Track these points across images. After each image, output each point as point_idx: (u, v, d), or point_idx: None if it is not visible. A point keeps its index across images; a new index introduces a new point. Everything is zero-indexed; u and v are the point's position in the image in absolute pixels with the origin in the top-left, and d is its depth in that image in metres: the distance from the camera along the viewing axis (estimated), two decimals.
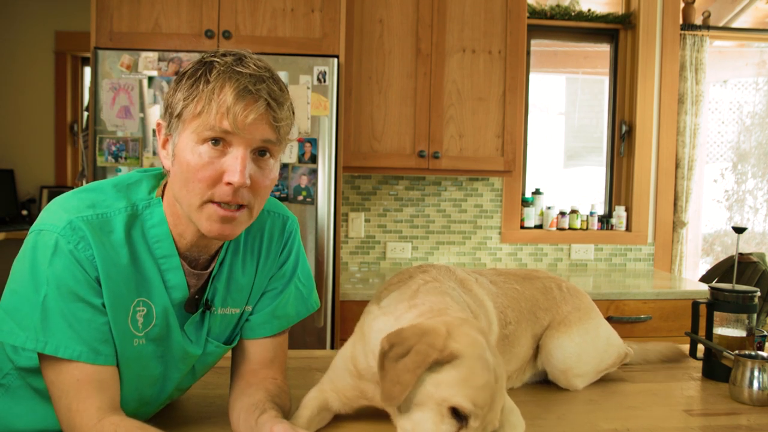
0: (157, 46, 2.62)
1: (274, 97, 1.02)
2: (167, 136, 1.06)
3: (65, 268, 0.99)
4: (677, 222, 3.65)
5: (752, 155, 4.24)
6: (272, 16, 2.71)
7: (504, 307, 1.36)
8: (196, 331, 1.17)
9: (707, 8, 3.77)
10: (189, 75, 1.03)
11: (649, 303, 2.96)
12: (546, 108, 4.17)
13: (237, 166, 1.00)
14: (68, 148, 4.46)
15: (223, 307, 1.18)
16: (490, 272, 1.47)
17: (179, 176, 1.03)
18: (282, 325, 1.23)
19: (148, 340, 1.10)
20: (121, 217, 1.05)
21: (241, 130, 0.99)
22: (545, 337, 1.45)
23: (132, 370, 1.10)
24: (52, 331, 1.00)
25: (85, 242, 1.00)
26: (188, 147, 1.01)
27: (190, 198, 1.03)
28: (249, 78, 1.00)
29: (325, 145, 2.65)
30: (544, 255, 3.55)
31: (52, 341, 1.00)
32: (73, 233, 1.00)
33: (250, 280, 1.20)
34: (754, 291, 1.58)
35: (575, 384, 1.45)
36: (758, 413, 1.35)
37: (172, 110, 1.03)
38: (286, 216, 1.25)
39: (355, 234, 3.41)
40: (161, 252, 1.09)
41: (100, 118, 2.57)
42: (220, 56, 1.03)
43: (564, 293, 1.52)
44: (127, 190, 1.10)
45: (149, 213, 1.08)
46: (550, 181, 3.85)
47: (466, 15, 3.07)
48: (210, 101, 0.99)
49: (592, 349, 1.46)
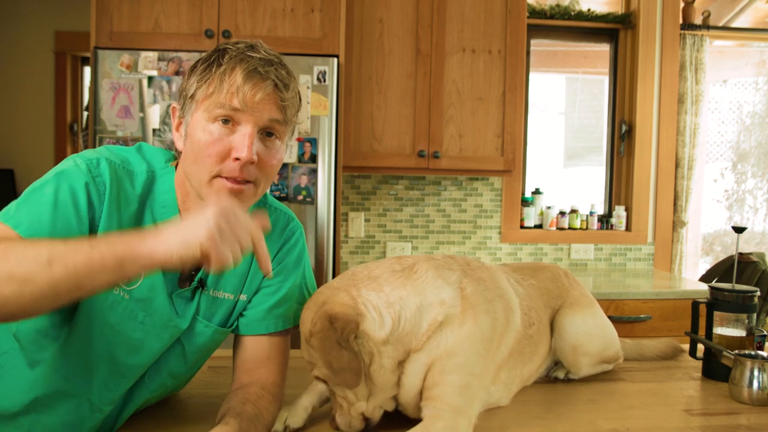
0: (157, 46, 2.63)
1: (281, 79, 1.09)
2: (180, 119, 1.13)
3: (76, 181, 1.05)
4: (677, 222, 3.65)
5: (752, 155, 4.24)
6: (272, 16, 2.71)
7: (528, 309, 1.39)
8: (184, 305, 1.17)
9: (707, 8, 3.77)
10: (203, 60, 1.10)
11: (648, 303, 2.96)
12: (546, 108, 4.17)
13: (245, 142, 1.06)
14: (68, 148, 4.46)
15: (215, 289, 1.19)
16: (506, 268, 1.49)
17: (190, 153, 1.09)
18: (279, 324, 1.24)
19: (131, 298, 1.11)
20: (142, 177, 1.13)
21: (250, 107, 1.06)
22: (558, 316, 1.49)
23: (107, 320, 1.10)
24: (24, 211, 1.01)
25: (102, 179, 1.07)
26: (200, 125, 1.08)
27: (200, 173, 1.08)
28: (259, 61, 1.07)
29: (325, 145, 2.65)
30: (543, 255, 3.55)
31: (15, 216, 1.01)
32: (98, 168, 1.08)
33: (245, 267, 1.21)
34: (753, 291, 1.59)
35: (580, 363, 1.49)
36: (758, 413, 1.35)
37: (186, 93, 1.10)
38: (291, 218, 1.28)
39: (355, 234, 3.41)
40: (164, 217, 1.13)
41: (100, 117, 2.57)
42: (233, 44, 1.10)
43: (570, 280, 1.58)
44: (149, 156, 1.17)
45: (163, 180, 1.15)
46: (550, 181, 3.85)
47: (466, 15, 3.07)
48: (222, 82, 1.06)
49: (600, 332, 1.51)
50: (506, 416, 1.30)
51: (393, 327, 1.11)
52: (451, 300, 1.18)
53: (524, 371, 1.40)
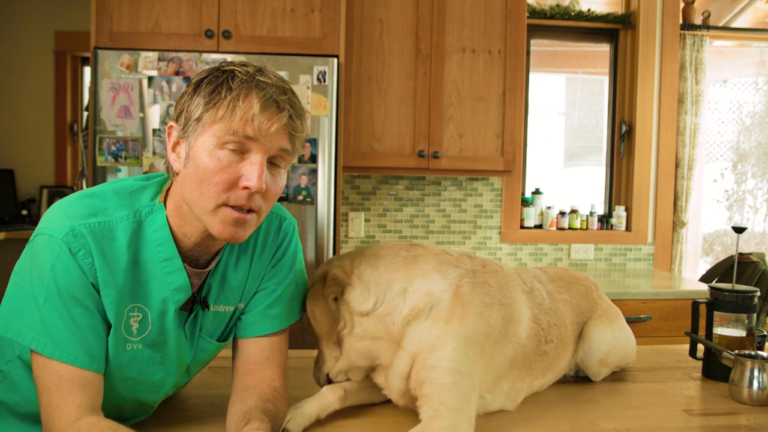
0: (156, 46, 2.62)
1: (296, 110, 1.07)
2: (179, 139, 1.07)
3: (67, 273, 1.01)
4: (677, 222, 3.65)
5: (752, 155, 4.24)
6: (272, 16, 2.71)
7: (549, 325, 1.37)
8: (191, 330, 1.18)
9: (707, 8, 3.77)
10: (208, 81, 1.05)
11: (648, 303, 2.96)
12: (546, 108, 4.17)
13: (255, 171, 1.03)
14: (68, 148, 4.46)
15: (216, 304, 1.19)
16: (543, 277, 1.49)
17: (193, 178, 1.05)
18: (276, 325, 1.24)
19: (145, 345, 1.11)
20: (124, 225, 1.07)
21: (264, 137, 1.03)
22: (588, 328, 1.51)
23: (127, 374, 1.11)
24: (52, 333, 1.01)
25: (86, 249, 1.03)
26: (206, 150, 1.03)
27: (204, 201, 1.04)
28: (274, 89, 1.04)
29: (325, 145, 2.65)
30: (543, 255, 3.55)
31: (50, 343, 1.01)
32: (75, 240, 1.02)
33: (243, 277, 1.21)
34: (753, 291, 1.59)
35: (601, 372, 1.52)
36: (758, 413, 1.35)
37: (189, 114, 1.05)
38: (284, 217, 1.27)
39: (355, 234, 3.41)
40: (163, 255, 1.09)
41: (100, 117, 2.58)
42: (239, 65, 1.06)
43: (599, 293, 1.60)
44: (129, 197, 1.11)
45: (151, 219, 1.10)
46: (549, 181, 3.85)
47: (465, 15, 3.07)
48: (234, 108, 1.01)
49: (626, 345, 1.54)
50: (506, 416, 1.30)
51: (375, 304, 1.19)
52: (440, 293, 1.20)
53: (534, 384, 1.38)
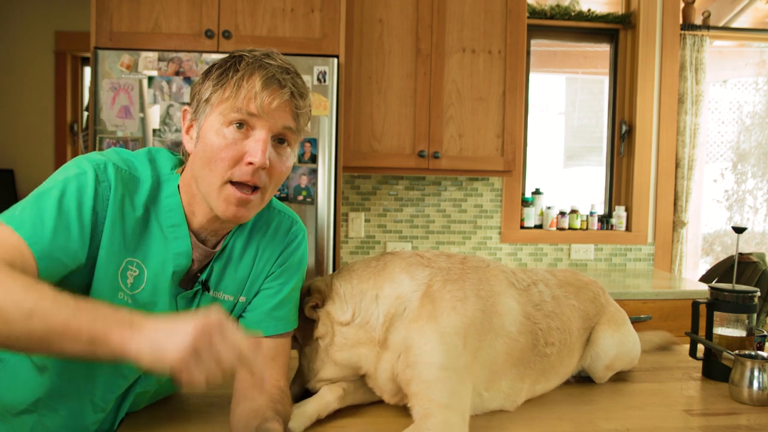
0: (156, 46, 2.62)
1: (297, 88, 1.12)
2: (192, 122, 1.14)
3: (81, 189, 1.05)
4: (677, 222, 3.65)
5: (752, 155, 4.24)
6: (272, 16, 2.71)
7: (550, 328, 1.38)
8: (186, 306, 1.18)
9: (707, 8, 3.78)
10: (218, 66, 1.12)
11: (649, 303, 2.96)
12: (546, 108, 4.17)
13: (259, 147, 1.07)
14: (68, 148, 4.46)
15: (216, 290, 1.20)
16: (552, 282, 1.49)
17: (202, 156, 1.10)
18: (281, 327, 1.24)
19: (135, 301, 1.11)
20: (147, 184, 1.13)
21: (266, 113, 1.08)
22: (596, 333, 1.51)
23: None
24: (24, 212, 1.00)
25: (109, 184, 1.07)
26: (213, 128, 1.09)
27: (211, 177, 1.09)
28: (277, 68, 1.10)
29: (325, 145, 2.65)
30: (543, 255, 3.55)
31: (15, 216, 1.00)
32: (104, 172, 1.08)
33: (246, 269, 1.22)
34: (754, 291, 1.59)
35: (605, 376, 1.52)
36: (758, 413, 1.35)
37: (200, 96, 1.12)
38: (296, 220, 1.29)
39: (355, 234, 3.41)
40: (171, 221, 1.13)
41: (100, 118, 2.57)
42: (248, 51, 1.13)
43: (606, 297, 1.60)
44: (155, 163, 1.17)
45: (167, 186, 1.15)
46: (550, 181, 3.85)
47: (465, 15, 3.07)
48: (239, 87, 1.07)
49: (632, 350, 1.55)
50: (506, 416, 1.30)
51: (353, 315, 1.25)
52: (410, 294, 1.24)
53: (536, 389, 1.38)
